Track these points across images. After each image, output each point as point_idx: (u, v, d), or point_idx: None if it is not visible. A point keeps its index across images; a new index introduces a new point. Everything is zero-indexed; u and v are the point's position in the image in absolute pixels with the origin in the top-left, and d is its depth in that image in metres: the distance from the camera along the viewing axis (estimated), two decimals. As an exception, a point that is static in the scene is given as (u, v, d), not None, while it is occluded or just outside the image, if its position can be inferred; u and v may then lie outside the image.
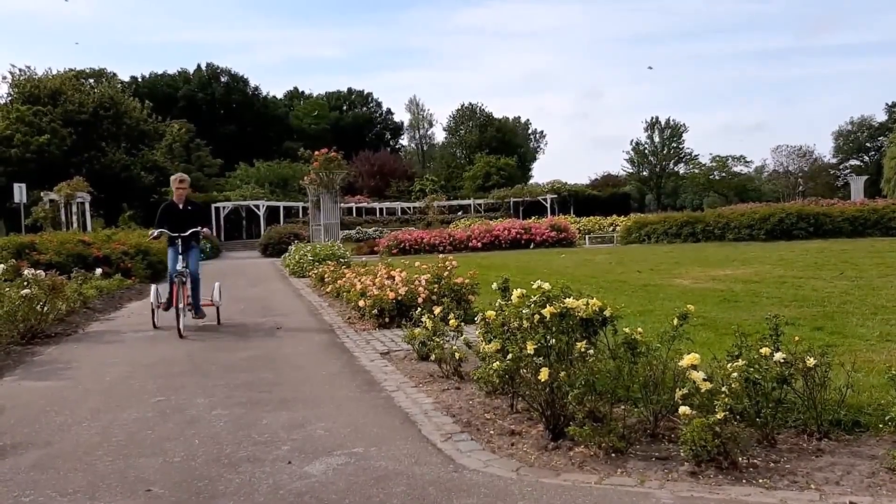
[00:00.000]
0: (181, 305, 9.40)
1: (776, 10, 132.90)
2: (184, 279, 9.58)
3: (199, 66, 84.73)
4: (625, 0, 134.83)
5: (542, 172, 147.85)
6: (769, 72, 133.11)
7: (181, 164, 56.50)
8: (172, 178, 10.60)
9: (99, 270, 16.09)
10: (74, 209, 33.24)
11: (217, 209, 47.53)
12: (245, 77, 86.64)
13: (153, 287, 10.65)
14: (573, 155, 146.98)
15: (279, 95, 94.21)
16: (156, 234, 10.16)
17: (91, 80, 60.13)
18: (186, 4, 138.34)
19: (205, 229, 10.26)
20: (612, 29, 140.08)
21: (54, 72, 52.05)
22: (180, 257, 9.66)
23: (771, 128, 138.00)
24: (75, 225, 32.25)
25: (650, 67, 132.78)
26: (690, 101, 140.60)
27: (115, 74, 68.41)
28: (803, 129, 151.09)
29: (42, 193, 33.74)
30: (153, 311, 10.21)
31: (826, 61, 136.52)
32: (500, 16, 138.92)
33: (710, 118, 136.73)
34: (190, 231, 9.85)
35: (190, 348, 8.53)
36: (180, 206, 10.20)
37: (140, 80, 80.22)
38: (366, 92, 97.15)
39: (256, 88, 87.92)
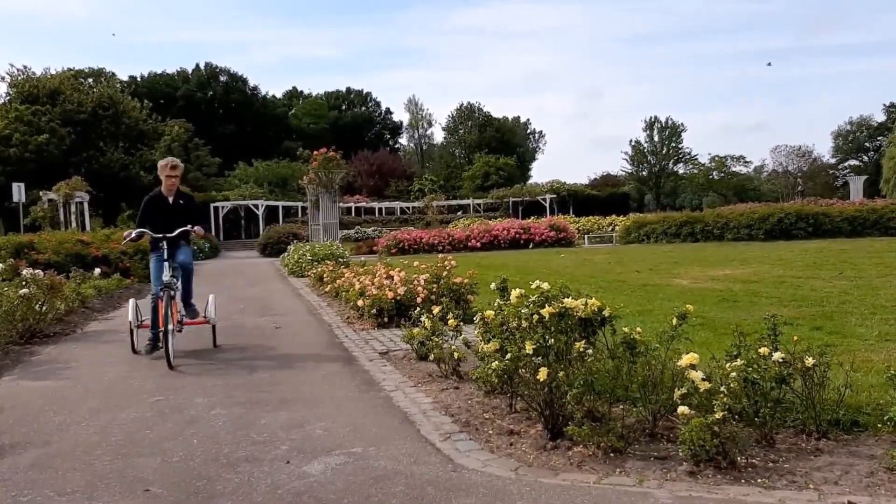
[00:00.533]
0: (170, 327, 7.36)
1: (776, 9, 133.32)
2: (172, 293, 7.61)
3: (197, 65, 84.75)
4: (625, 0, 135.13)
5: (542, 172, 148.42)
6: (769, 72, 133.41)
7: (180, 163, 56.20)
8: (162, 163, 8.33)
9: (97, 270, 16.09)
10: (73, 209, 33.19)
11: (216, 209, 47.54)
12: (244, 76, 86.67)
13: (131, 302, 8.50)
14: (573, 155, 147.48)
15: (278, 95, 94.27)
16: (134, 234, 8.04)
17: (90, 80, 60.16)
18: (183, 4, 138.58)
19: (197, 227, 8.07)
20: (612, 29, 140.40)
21: (53, 71, 52.11)
22: (166, 264, 7.72)
23: (771, 128, 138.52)
24: (74, 224, 32.20)
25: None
26: (690, 101, 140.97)
27: (113, 74, 68.53)
28: (803, 129, 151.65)
29: (41, 193, 33.69)
30: (131, 332, 8.21)
31: (826, 61, 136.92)
32: (500, 16, 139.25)
33: (710, 118, 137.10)
34: (179, 231, 7.92)
35: (188, 348, 8.49)
36: (170, 200, 8.25)
37: (139, 79, 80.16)
38: (364, 91, 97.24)
39: (255, 88, 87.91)
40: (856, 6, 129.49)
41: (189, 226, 8.02)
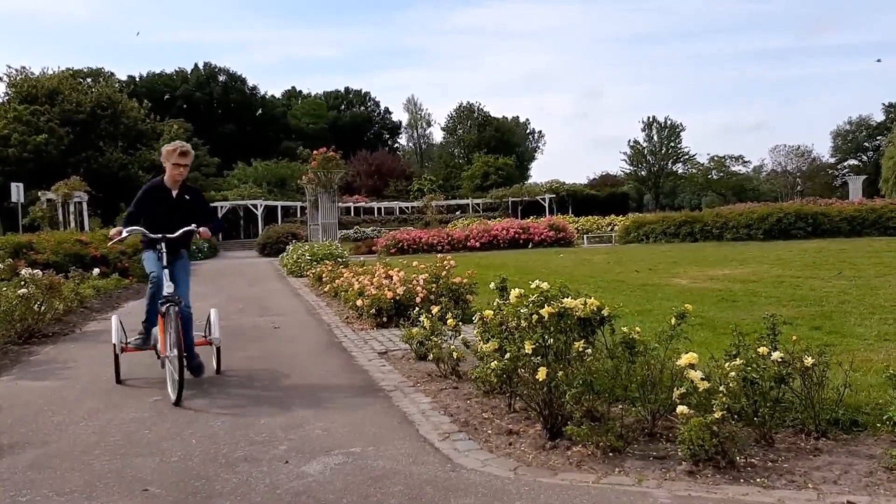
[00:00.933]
0: (173, 353, 5.87)
1: (776, 9, 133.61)
2: (178, 308, 6.07)
3: (196, 65, 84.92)
4: (625, 0, 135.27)
5: (542, 172, 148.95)
6: (769, 72, 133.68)
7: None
8: (169, 147, 6.68)
9: (96, 270, 16.05)
10: (72, 208, 33.22)
11: (214, 209, 47.57)
12: (243, 76, 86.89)
13: (114, 319, 6.85)
14: (573, 155, 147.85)
15: (277, 95, 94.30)
16: (125, 233, 6.45)
17: (88, 80, 60.18)
18: (183, 4, 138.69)
19: (202, 229, 6.52)
20: (612, 29, 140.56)
21: (51, 71, 52.07)
22: (166, 272, 6.27)
23: (771, 128, 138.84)
24: (73, 224, 32.22)
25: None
26: (690, 101, 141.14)
27: (112, 74, 68.73)
28: (803, 129, 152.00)
29: (39, 193, 33.72)
30: (116, 357, 6.70)
31: (826, 61, 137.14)
32: (500, 16, 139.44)
33: (710, 118, 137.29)
34: (182, 231, 6.43)
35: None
36: (174, 193, 6.63)
37: (138, 79, 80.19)
38: (363, 91, 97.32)
39: (254, 88, 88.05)
40: (856, 6, 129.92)
41: (193, 225, 6.51)
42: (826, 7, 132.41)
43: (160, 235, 6.35)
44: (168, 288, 6.15)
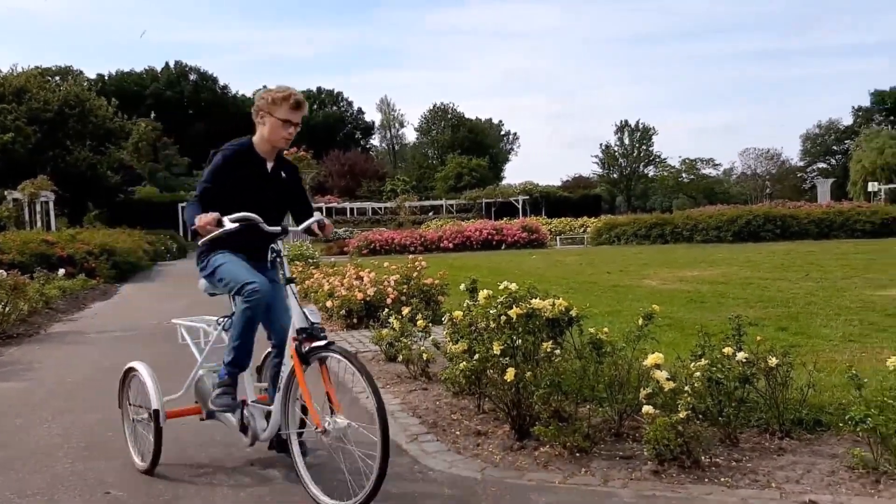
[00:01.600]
0: (343, 424, 3.78)
1: (776, 9, 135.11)
2: (324, 353, 3.86)
3: (167, 63, 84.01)
4: (625, 0, 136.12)
5: (516, 174, 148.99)
6: (769, 71, 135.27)
7: (148, 162, 56.00)
8: (275, 94, 4.07)
9: (62, 271, 15.82)
10: (38, 208, 32.72)
11: (184, 209, 47.04)
12: (214, 75, 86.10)
13: (142, 369, 4.45)
14: (549, 156, 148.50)
15: (248, 94, 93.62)
16: (229, 225, 3.77)
17: (57, 78, 59.26)
18: (157, 3, 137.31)
19: (325, 220, 4.24)
20: (612, 29, 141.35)
21: (19, 69, 51.25)
22: (284, 281, 4.02)
23: (771, 127, 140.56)
24: (39, 224, 31.74)
25: None
26: (690, 100, 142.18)
27: (81, 72, 67.63)
28: (802, 129, 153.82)
29: (6, 192, 33.15)
30: (159, 430, 4.19)
31: (826, 61, 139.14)
32: (499, 15, 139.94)
33: (710, 118, 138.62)
34: (307, 223, 4.19)
35: (160, 350, 8.37)
36: (269, 166, 4.22)
37: (107, 77, 79.19)
38: (336, 91, 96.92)
39: (225, 87, 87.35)
40: (855, 6, 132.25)
41: (316, 214, 4.29)
42: (826, 7, 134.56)
43: (279, 228, 4.04)
44: (312, 315, 3.86)
